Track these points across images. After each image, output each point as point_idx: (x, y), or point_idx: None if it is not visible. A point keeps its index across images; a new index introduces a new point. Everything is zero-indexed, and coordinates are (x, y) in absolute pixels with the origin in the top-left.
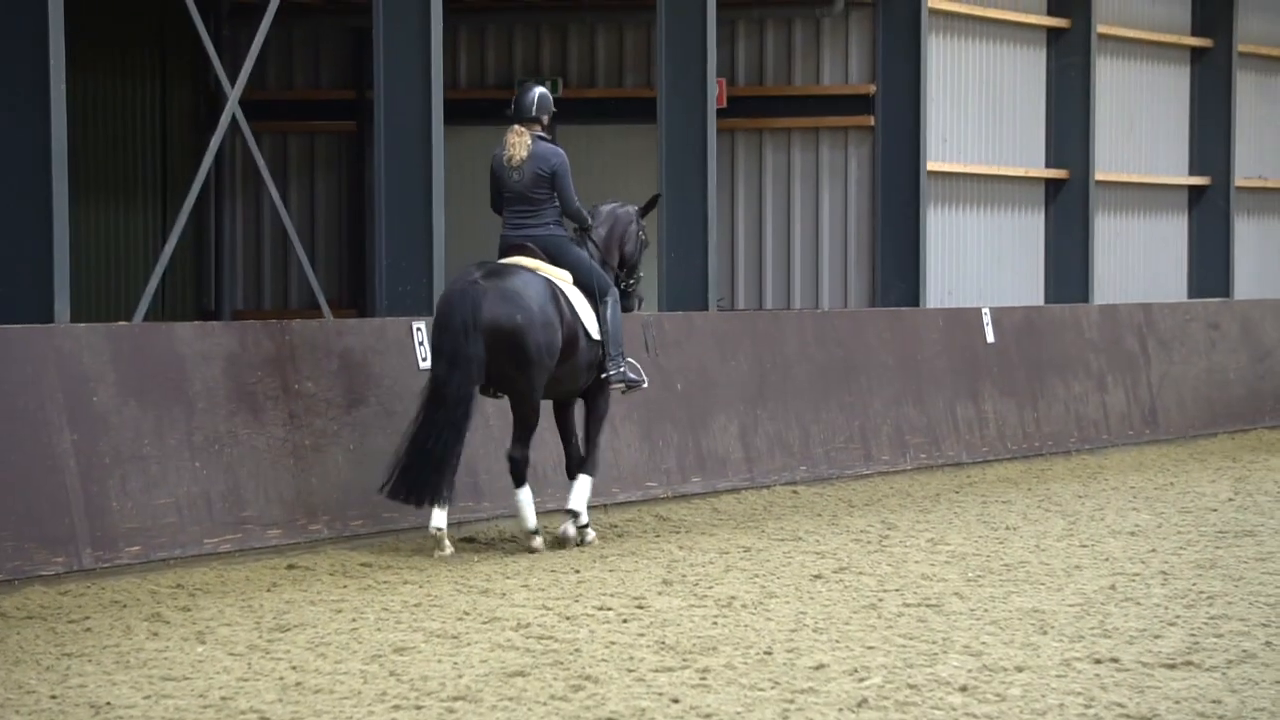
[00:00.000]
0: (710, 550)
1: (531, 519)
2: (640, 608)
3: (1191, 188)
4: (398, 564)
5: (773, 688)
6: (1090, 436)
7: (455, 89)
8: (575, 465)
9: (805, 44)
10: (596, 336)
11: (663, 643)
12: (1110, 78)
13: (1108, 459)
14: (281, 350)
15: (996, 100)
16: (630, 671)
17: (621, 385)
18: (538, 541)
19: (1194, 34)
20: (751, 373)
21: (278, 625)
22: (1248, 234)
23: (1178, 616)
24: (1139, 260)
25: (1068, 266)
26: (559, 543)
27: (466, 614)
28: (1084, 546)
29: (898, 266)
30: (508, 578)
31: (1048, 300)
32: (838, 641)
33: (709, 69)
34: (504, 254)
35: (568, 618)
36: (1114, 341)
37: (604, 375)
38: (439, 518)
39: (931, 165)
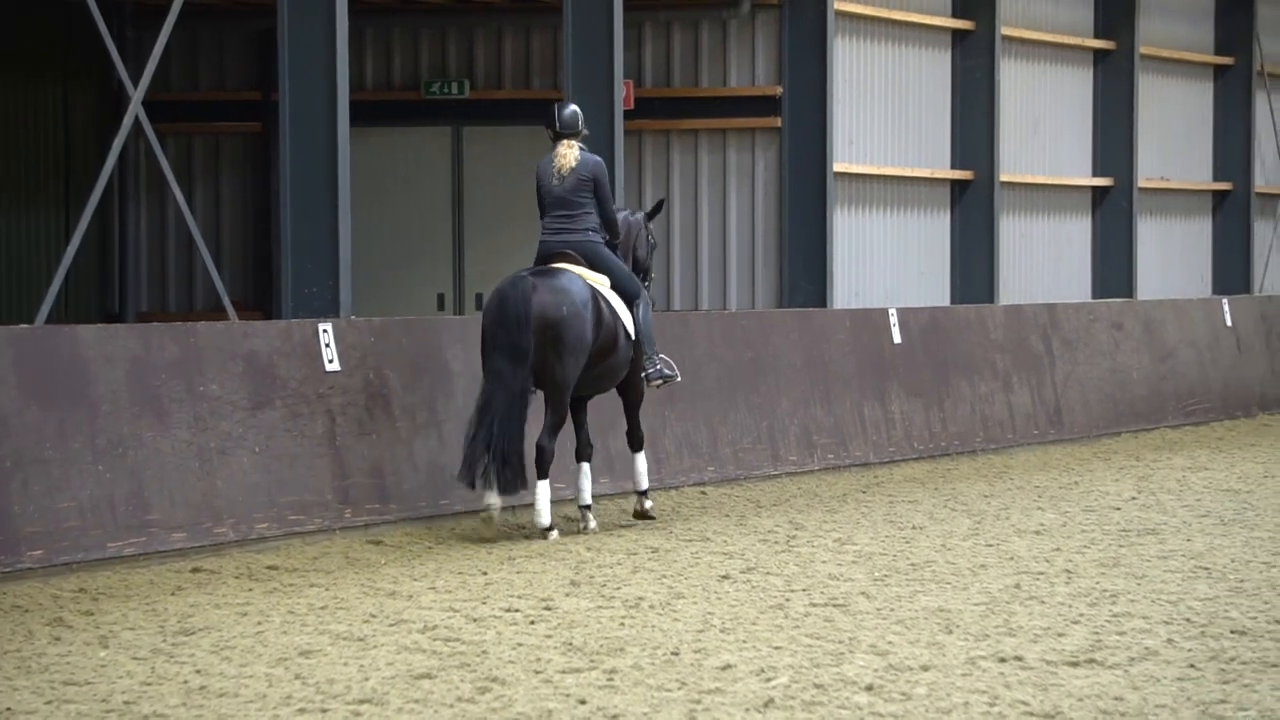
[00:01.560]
0: (618, 551)
1: (547, 517)
2: (548, 609)
3: (1095, 189)
4: (304, 567)
5: (679, 688)
6: (996, 436)
7: (361, 90)
8: (585, 451)
9: (712, 46)
10: (634, 336)
11: (570, 644)
12: (1015, 79)
13: (1013, 458)
14: (186, 353)
15: (902, 102)
16: (537, 673)
17: (659, 381)
18: (554, 535)
19: (1097, 36)
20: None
21: (182, 629)
22: (1150, 235)
23: (1081, 614)
24: (1044, 261)
25: (973, 267)
26: (639, 516)
27: (373, 616)
28: (989, 546)
29: (805, 267)
30: (415, 580)
31: (954, 301)
32: (745, 642)
33: (616, 71)
34: (543, 260)
35: (475, 620)
36: (1019, 342)
37: (644, 374)
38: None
39: (838, 167)
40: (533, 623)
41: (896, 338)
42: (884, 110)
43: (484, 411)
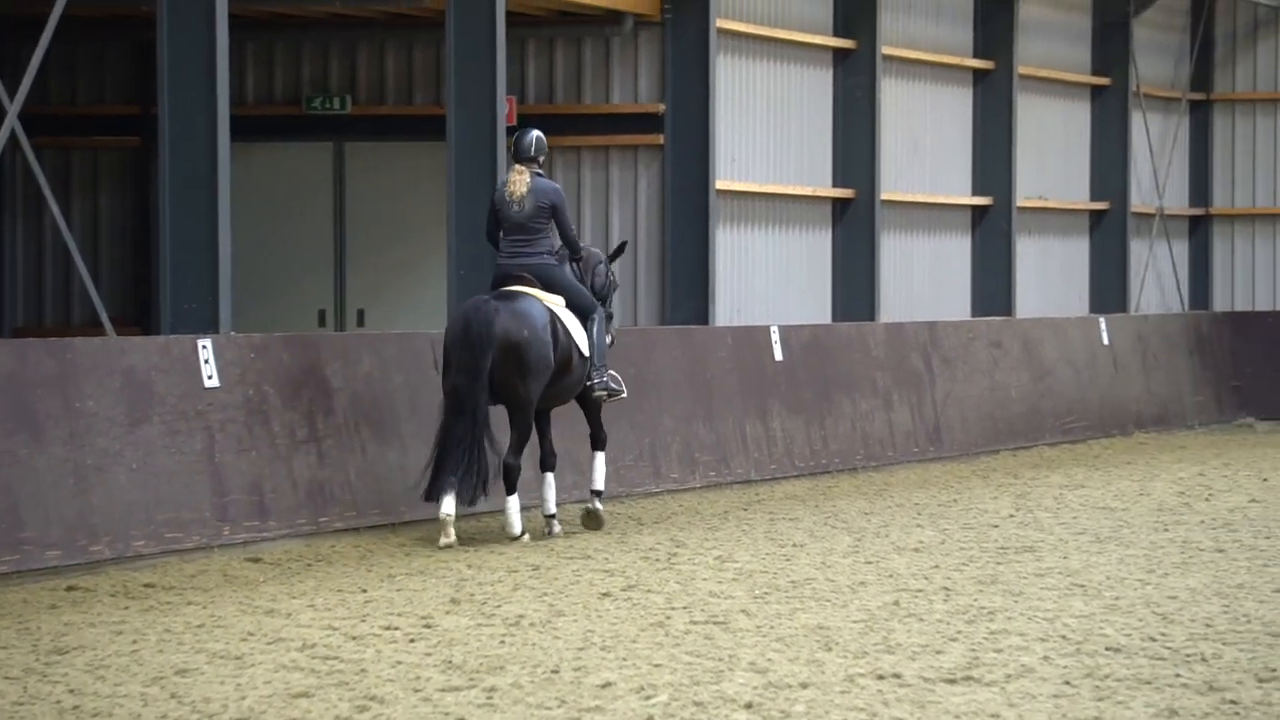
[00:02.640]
0: (499, 569)
1: (518, 526)
2: (428, 627)
3: (975, 207)
4: (181, 585)
5: (559, 706)
6: (876, 454)
7: (242, 105)
8: (549, 460)
9: (595, 63)
10: (587, 354)
11: (449, 662)
12: (895, 99)
13: (893, 476)
14: (63, 368)
15: (784, 120)
16: (416, 691)
17: (604, 394)
18: (525, 539)
19: (976, 56)
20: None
21: (56, 648)
22: (1029, 254)
23: (959, 632)
24: (924, 279)
25: (854, 285)
26: (589, 518)
27: (251, 635)
28: (869, 563)
29: (687, 285)
30: (293, 598)
31: (835, 318)
32: (625, 660)
33: (498, 87)
34: (500, 282)
35: (354, 638)
36: (900, 360)
37: (588, 384)
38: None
39: (720, 184)
40: (412, 641)
41: (778, 355)
42: (766, 128)
43: (446, 433)
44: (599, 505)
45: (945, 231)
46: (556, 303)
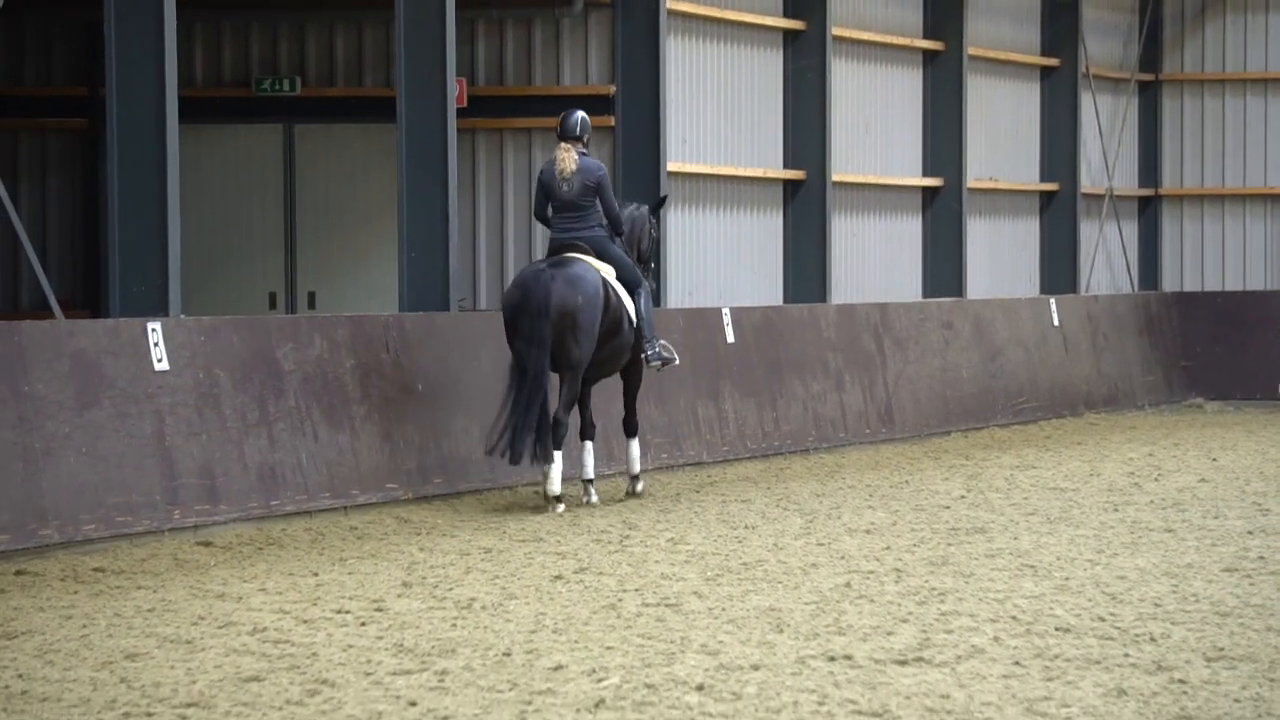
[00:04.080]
0: (451, 552)
1: (558, 485)
2: (379, 610)
3: (925, 189)
4: (131, 569)
5: (511, 689)
6: (828, 435)
7: (191, 87)
8: (589, 430)
9: (545, 44)
10: (635, 323)
11: (401, 645)
12: (846, 80)
13: (845, 457)
14: (10, 352)
15: (735, 101)
16: (368, 675)
17: (658, 363)
18: (560, 507)
19: (926, 37)
20: (494, 374)
21: (4, 633)
22: (979, 235)
23: (910, 613)
24: (876, 260)
25: (806, 267)
26: (631, 494)
27: (201, 619)
28: (821, 545)
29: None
30: (244, 582)
31: (786, 300)
32: (576, 642)
33: (448, 68)
34: (556, 251)
35: (305, 621)
36: (851, 341)
37: (644, 355)
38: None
39: (672, 166)
40: (363, 624)
41: (730, 337)
42: (717, 110)
43: (516, 395)
44: (640, 485)
45: (896, 213)
46: (608, 271)
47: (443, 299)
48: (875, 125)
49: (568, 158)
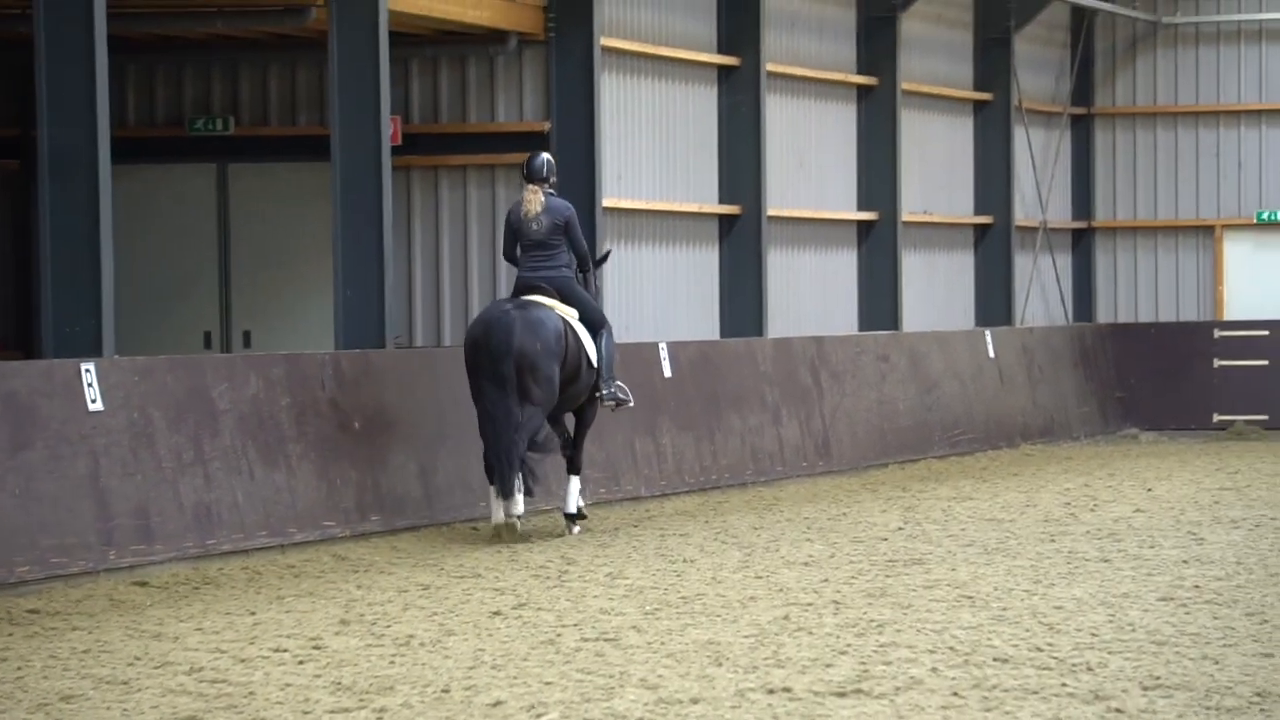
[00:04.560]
0: (389, 589)
1: (520, 509)
2: (317, 648)
3: (860, 223)
4: (66, 610)
5: None
6: (766, 469)
7: (123, 127)
8: (573, 465)
9: (480, 81)
10: (595, 364)
11: (339, 683)
12: (780, 115)
13: (783, 490)
14: None
15: (670, 137)
16: (306, 714)
17: (613, 403)
18: (518, 525)
19: (860, 73)
20: (431, 410)
21: None
22: (915, 268)
23: (849, 645)
24: (811, 294)
25: (742, 301)
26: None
27: (137, 659)
28: (759, 578)
29: None
30: (180, 621)
31: (723, 334)
32: (515, 678)
33: (383, 107)
34: (521, 293)
35: (242, 660)
36: (788, 374)
37: (598, 395)
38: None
39: (607, 202)
40: (301, 662)
41: (667, 371)
42: (652, 146)
43: (484, 432)
44: (576, 529)
45: (832, 247)
46: (570, 314)
47: (378, 337)
48: (810, 160)
49: (534, 199)
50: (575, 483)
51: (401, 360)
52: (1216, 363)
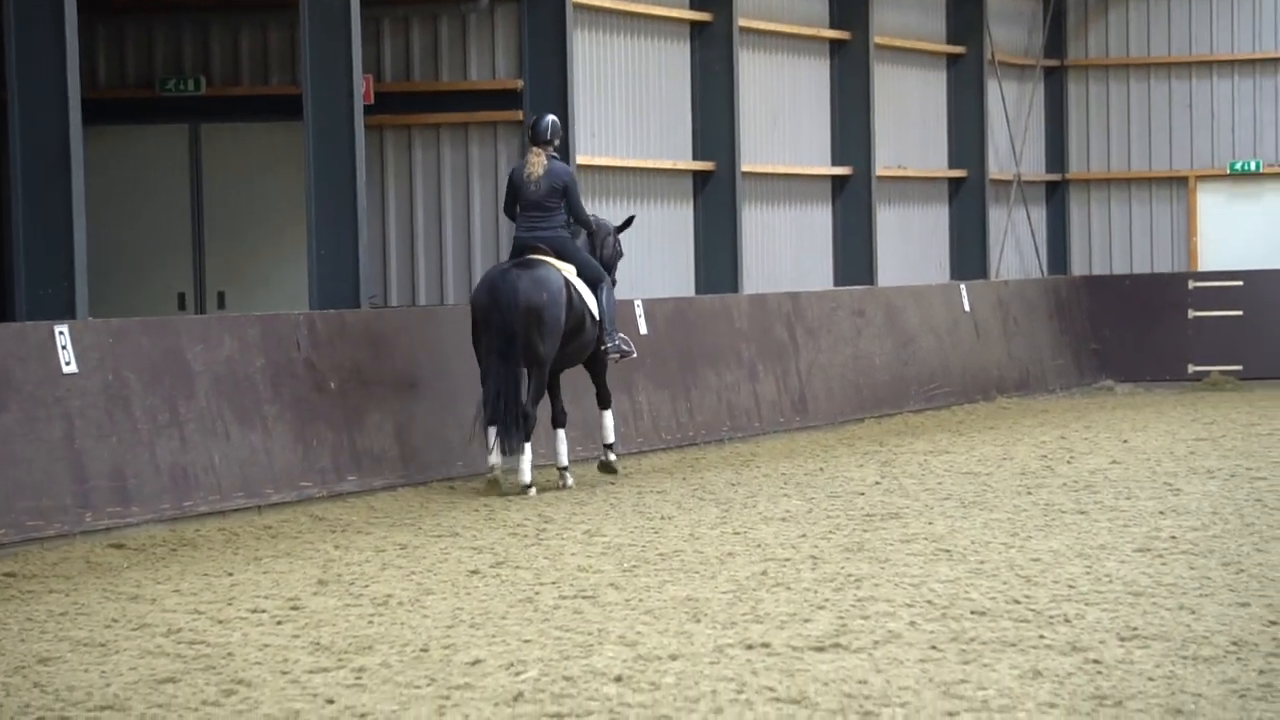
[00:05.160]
0: (366, 549)
1: (529, 475)
2: (295, 609)
3: (835, 178)
4: (43, 573)
5: (429, 685)
6: (742, 425)
7: (94, 88)
8: (560, 418)
9: (452, 40)
10: (598, 318)
11: (318, 643)
12: (753, 71)
13: (759, 447)
14: None
15: (643, 94)
16: (284, 674)
17: (616, 355)
18: (532, 492)
19: (832, 27)
20: (406, 370)
21: None
22: (889, 222)
23: (826, 600)
24: (787, 250)
25: (717, 257)
26: (604, 468)
27: (115, 621)
28: (737, 534)
29: None
30: (158, 583)
31: (698, 291)
32: (494, 636)
33: (354, 66)
34: (519, 252)
35: (220, 621)
36: (764, 331)
37: (603, 348)
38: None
39: (581, 159)
40: (279, 623)
41: (642, 329)
42: (625, 103)
43: (488, 385)
44: (613, 456)
45: (806, 202)
46: (569, 271)
47: (353, 297)
48: (783, 115)
49: (537, 162)
50: (609, 416)
51: (376, 320)
52: (1191, 313)
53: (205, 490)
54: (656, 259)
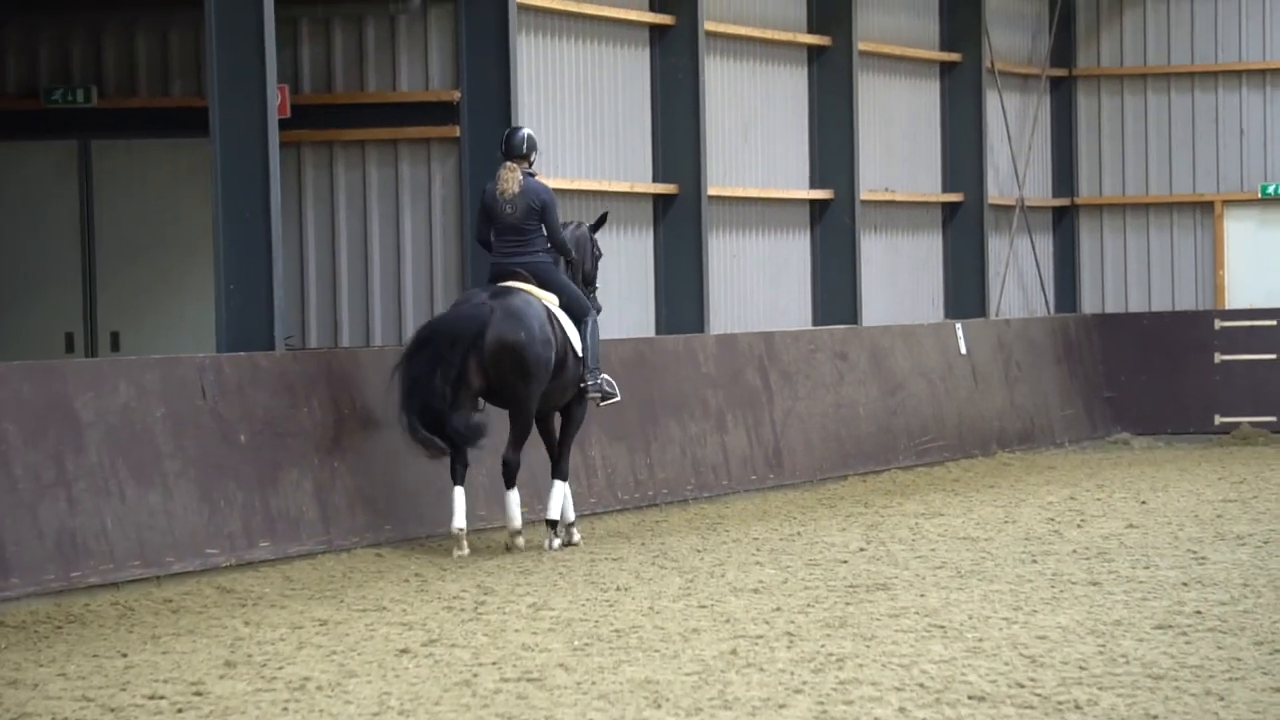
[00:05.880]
0: (281, 625)
1: (517, 520)
2: (198, 694)
3: (813, 202)
4: None
5: None
6: (709, 483)
7: None
8: (558, 469)
9: (379, 46)
10: (580, 355)
11: None
12: (721, 80)
13: (729, 507)
14: None
15: (598, 107)
16: None
17: (598, 396)
18: (520, 541)
19: (811, 31)
20: (327, 420)
21: None
22: (875, 253)
23: (804, 682)
24: (759, 284)
25: (681, 292)
26: (567, 543)
27: None
28: (702, 607)
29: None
30: (41, 666)
31: (660, 331)
32: None
33: (268, 75)
34: (496, 279)
35: (112, 710)
36: (734, 375)
37: (583, 385)
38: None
39: None
40: (180, 711)
41: None
42: (577, 117)
43: (408, 404)
44: (575, 536)
45: (781, 230)
46: (551, 301)
47: (267, 337)
48: (756, 131)
49: (511, 178)
50: (561, 488)
51: (293, 364)
52: (1218, 357)
53: (96, 559)
54: (612, 294)
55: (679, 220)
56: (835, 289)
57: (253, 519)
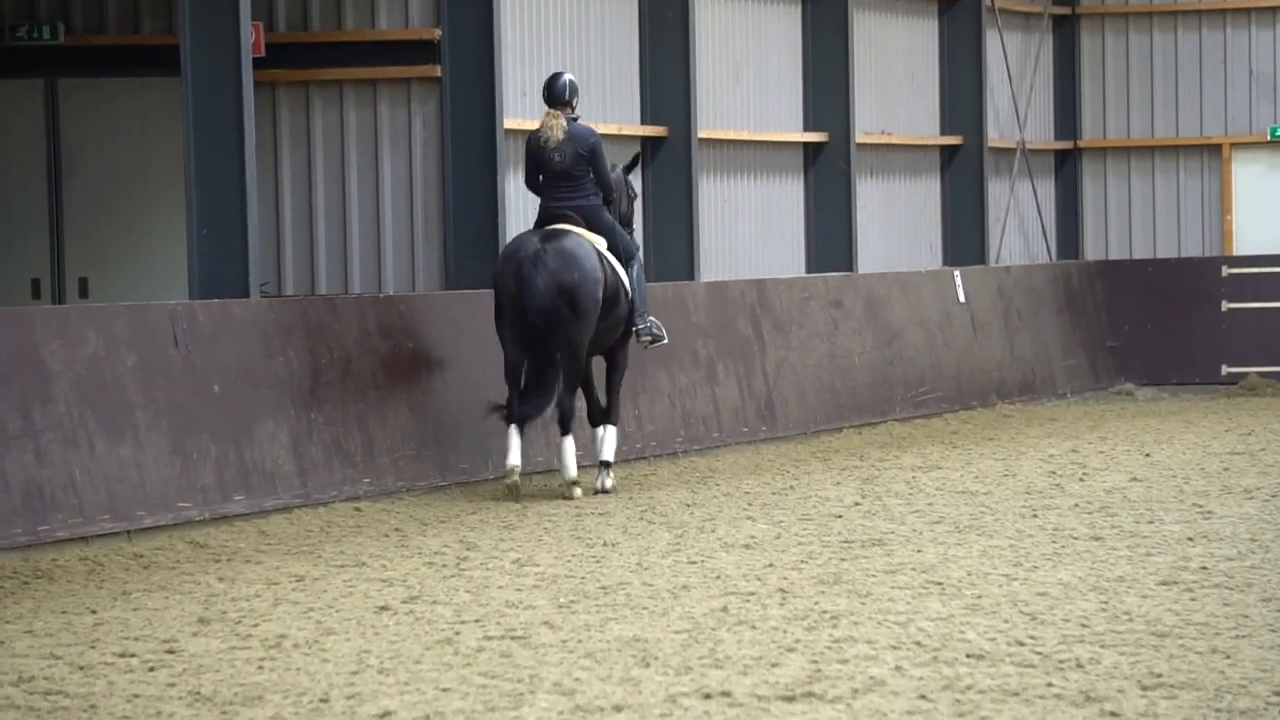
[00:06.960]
0: (256, 581)
1: (573, 468)
2: (170, 652)
3: (807, 145)
4: None
5: None
6: (699, 435)
7: None
8: (597, 414)
9: None
10: (630, 295)
11: (197, 693)
12: (712, 21)
13: (719, 461)
14: None
15: (584, 47)
16: None
17: (649, 339)
18: (578, 491)
19: None
20: (304, 370)
21: None
22: (871, 198)
23: (797, 641)
24: (751, 230)
25: (669, 239)
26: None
27: None
28: (692, 563)
29: (474, 242)
30: (7, 623)
31: (648, 278)
32: (407, 684)
33: (241, 11)
34: (546, 222)
35: (81, 668)
36: (724, 325)
37: (635, 329)
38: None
39: (509, 123)
40: (152, 669)
41: None
42: (562, 56)
43: (513, 380)
44: (609, 481)
45: (774, 174)
46: (599, 242)
47: (241, 284)
48: (747, 72)
49: (555, 125)
50: (611, 431)
51: (269, 312)
52: (1225, 305)
53: (64, 512)
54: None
55: (668, 164)
56: (830, 235)
57: (227, 472)
